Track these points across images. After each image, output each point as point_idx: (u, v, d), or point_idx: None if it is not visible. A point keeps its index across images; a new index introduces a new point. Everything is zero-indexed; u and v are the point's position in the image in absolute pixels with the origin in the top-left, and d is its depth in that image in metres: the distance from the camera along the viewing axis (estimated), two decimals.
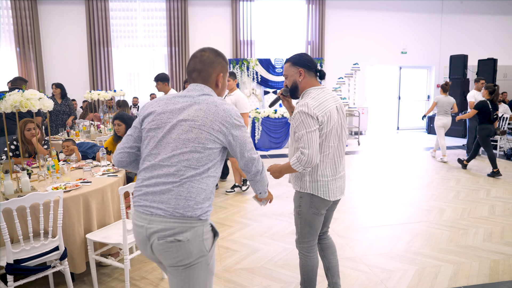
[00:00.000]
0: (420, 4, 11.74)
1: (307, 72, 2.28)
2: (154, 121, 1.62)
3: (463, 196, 5.17)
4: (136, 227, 1.60)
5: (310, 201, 2.30)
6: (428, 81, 12.55)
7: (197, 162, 1.56)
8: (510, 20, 12.46)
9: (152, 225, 1.52)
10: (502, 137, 7.96)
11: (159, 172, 1.56)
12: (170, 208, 1.51)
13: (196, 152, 1.55)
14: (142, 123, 1.68)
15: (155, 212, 1.52)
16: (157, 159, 1.57)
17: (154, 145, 1.60)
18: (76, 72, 10.12)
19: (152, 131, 1.62)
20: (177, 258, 1.53)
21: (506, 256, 3.38)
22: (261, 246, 3.60)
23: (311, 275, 2.47)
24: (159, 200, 1.53)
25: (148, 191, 1.56)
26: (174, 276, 1.59)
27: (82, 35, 10.00)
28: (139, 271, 3.15)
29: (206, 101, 1.61)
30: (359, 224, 4.20)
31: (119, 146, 1.74)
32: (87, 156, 4.37)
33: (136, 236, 1.62)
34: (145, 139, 1.65)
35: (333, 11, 11.20)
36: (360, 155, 8.33)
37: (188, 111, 1.59)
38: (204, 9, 10.49)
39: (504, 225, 4.12)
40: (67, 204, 2.66)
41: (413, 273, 3.09)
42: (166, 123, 1.59)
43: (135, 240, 1.67)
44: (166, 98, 1.68)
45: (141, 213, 1.57)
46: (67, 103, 6.25)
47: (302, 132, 2.09)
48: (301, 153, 2.08)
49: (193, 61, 1.71)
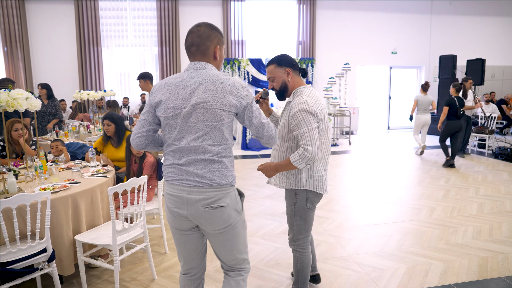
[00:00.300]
0: (410, 5, 11.84)
1: (293, 72, 2.32)
2: (168, 109, 1.73)
3: (452, 195, 5.22)
4: (172, 197, 1.77)
5: (306, 197, 2.34)
6: (418, 81, 12.66)
7: (220, 138, 1.73)
8: (498, 21, 12.64)
9: (192, 196, 1.72)
10: (490, 136, 8.07)
11: (188, 153, 1.73)
12: (206, 180, 1.72)
13: (216, 130, 1.72)
14: (156, 110, 1.79)
15: (193, 184, 1.72)
16: (182, 143, 1.73)
17: (177, 131, 1.74)
18: (65, 72, 10.00)
19: (170, 119, 1.74)
20: (221, 222, 1.76)
21: (494, 253, 3.42)
22: (252, 246, 3.59)
23: (307, 271, 2.51)
24: (195, 174, 1.72)
25: (182, 168, 1.74)
26: (217, 239, 1.82)
27: (72, 35, 9.89)
28: (129, 272, 3.12)
29: (211, 80, 1.71)
30: (350, 223, 4.22)
31: (135, 130, 1.84)
32: (76, 156, 4.31)
33: (172, 205, 1.78)
34: (166, 127, 1.78)
35: (324, 11, 11.24)
36: (351, 154, 8.36)
37: (198, 94, 1.70)
38: (195, 9, 10.45)
39: (492, 222, 4.17)
40: (55, 205, 2.62)
41: (403, 271, 3.10)
42: (182, 109, 1.71)
43: (168, 211, 1.82)
44: (173, 83, 1.75)
45: (177, 186, 1.75)
46: (53, 104, 6.12)
47: (304, 130, 2.11)
48: (304, 150, 2.09)
49: (190, 36, 1.78)
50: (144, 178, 2.85)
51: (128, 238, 2.80)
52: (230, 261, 1.91)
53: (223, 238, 1.82)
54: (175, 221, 1.83)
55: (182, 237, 1.87)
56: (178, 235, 1.88)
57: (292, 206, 2.38)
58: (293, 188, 2.34)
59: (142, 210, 2.91)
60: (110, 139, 3.99)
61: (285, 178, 2.36)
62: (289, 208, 2.42)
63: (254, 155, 8.09)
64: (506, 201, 4.93)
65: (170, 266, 3.23)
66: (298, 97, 2.24)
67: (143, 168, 3.46)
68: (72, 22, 9.83)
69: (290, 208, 2.41)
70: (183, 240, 1.88)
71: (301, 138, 2.12)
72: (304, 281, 2.51)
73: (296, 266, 2.49)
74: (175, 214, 1.80)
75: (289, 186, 2.35)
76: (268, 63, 2.36)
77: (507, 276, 3.01)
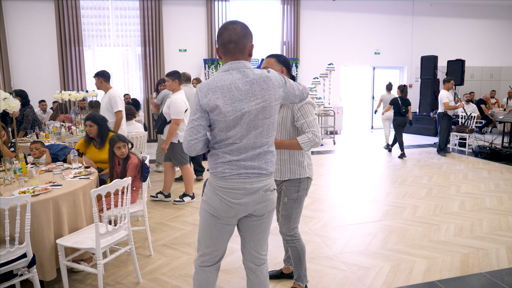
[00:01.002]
0: (392, 6, 12.02)
1: (287, 73, 2.48)
2: (228, 112, 1.80)
3: (435, 193, 5.32)
4: (232, 189, 1.87)
5: (306, 184, 2.53)
6: (401, 81, 12.87)
7: (272, 130, 1.93)
8: (477, 24, 12.96)
9: (254, 185, 1.88)
10: (470, 135, 8.26)
11: (247, 149, 1.86)
12: (263, 171, 1.90)
13: (272, 124, 1.90)
14: (210, 114, 1.84)
15: (252, 175, 1.87)
16: (243, 141, 1.85)
17: (238, 131, 1.83)
18: (45, 72, 9.77)
19: (230, 122, 1.82)
20: (272, 204, 1.98)
21: (475, 250, 3.49)
22: (237, 246, 3.56)
23: (305, 256, 2.65)
24: (252, 167, 1.87)
25: (241, 164, 1.86)
26: (263, 222, 2.00)
27: (52, 34, 9.67)
28: (113, 276, 3.06)
29: (261, 79, 1.84)
30: (335, 222, 4.25)
31: (190, 136, 1.86)
32: (58, 158, 4.21)
33: (230, 197, 1.87)
34: (224, 128, 1.84)
35: (308, 12, 11.30)
36: (335, 154, 8.44)
37: (255, 94, 1.82)
38: (178, 9, 10.36)
39: (473, 219, 4.27)
40: (35, 208, 2.55)
41: (388, 269, 3.14)
42: (242, 111, 1.81)
43: (220, 203, 1.90)
44: (225, 86, 1.80)
45: (237, 179, 1.86)
46: (22, 113, 5.88)
47: (311, 119, 2.37)
48: (313, 135, 2.32)
49: (227, 33, 1.82)
50: (128, 179, 2.81)
51: (112, 241, 2.74)
52: (264, 250, 2.08)
53: (266, 222, 2.02)
54: (228, 212, 1.90)
55: (223, 228, 1.96)
56: (219, 226, 1.95)
57: (295, 195, 2.51)
58: (298, 178, 2.49)
59: (126, 212, 2.86)
60: (92, 140, 3.91)
61: (288, 170, 2.50)
62: (290, 198, 2.52)
63: None
64: (486, 198, 5.06)
65: (155, 269, 3.18)
66: None
67: (127, 170, 3.40)
68: (52, 21, 9.61)
69: (291, 198, 2.51)
70: (222, 231, 1.97)
71: (309, 126, 2.35)
72: (305, 267, 2.68)
73: (298, 254, 2.61)
74: (232, 204, 1.88)
75: (293, 176, 2.49)
76: (269, 55, 2.50)
77: (487, 271, 3.08)
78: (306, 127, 2.35)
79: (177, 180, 5.94)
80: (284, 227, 2.57)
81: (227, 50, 1.84)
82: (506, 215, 4.41)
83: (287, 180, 2.52)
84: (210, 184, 1.94)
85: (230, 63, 1.86)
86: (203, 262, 2.02)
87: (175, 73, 4.70)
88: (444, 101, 7.57)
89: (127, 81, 10.48)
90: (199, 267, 2.04)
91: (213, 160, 1.92)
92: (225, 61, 1.89)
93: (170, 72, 4.74)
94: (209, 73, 10.11)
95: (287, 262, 2.95)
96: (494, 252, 3.45)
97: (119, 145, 3.43)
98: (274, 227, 4.02)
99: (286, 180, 2.52)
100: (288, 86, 1.98)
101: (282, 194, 2.56)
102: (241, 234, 2.06)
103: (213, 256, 2.02)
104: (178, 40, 10.40)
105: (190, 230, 4.04)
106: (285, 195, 2.54)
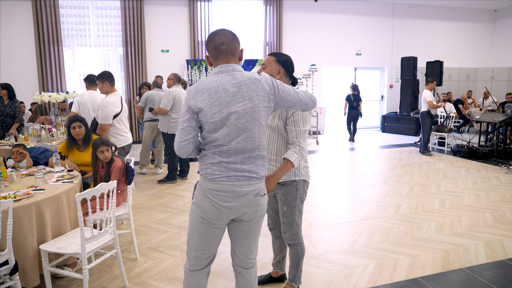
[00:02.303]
0: (372, 8, 12.23)
1: (285, 75, 2.38)
2: (215, 114, 1.80)
3: (416, 192, 5.45)
4: (221, 192, 1.85)
5: (303, 188, 2.46)
6: (382, 81, 13.10)
7: (262, 132, 1.91)
8: (455, 26, 13.32)
9: (243, 188, 1.87)
10: (449, 135, 8.48)
11: (237, 152, 1.85)
12: (253, 174, 1.89)
13: (261, 126, 1.89)
14: (198, 115, 1.83)
15: (241, 178, 1.86)
16: (232, 143, 1.83)
17: (226, 133, 1.82)
18: (23, 72, 9.50)
19: (217, 123, 1.82)
20: (263, 209, 1.97)
21: (455, 246, 3.60)
22: (224, 248, 3.58)
23: (303, 259, 2.64)
24: (242, 170, 1.86)
25: (230, 166, 1.85)
26: (252, 227, 2.00)
27: (29, 33, 9.41)
28: (99, 280, 3.02)
29: (250, 81, 1.84)
30: (320, 222, 4.30)
31: (180, 138, 1.86)
32: (39, 162, 4.11)
33: (219, 199, 1.86)
34: (212, 129, 1.84)
35: (290, 13, 11.38)
36: (319, 154, 8.52)
37: (243, 96, 1.82)
38: (160, 9, 10.26)
39: (453, 217, 4.39)
40: (17, 214, 2.49)
41: (373, 267, 3.21)
42: (228, 113, 1.80)
43: (209, 206, 1.88)
44: (212, 88, 1.81)
45: (226, 181, 1.85)
46: (13, 105, 5.82)
47: (302, 129, 2.27)
48: (300, 148, 2.23)
49: (217, 37, 1.88)
50: (113, 183, 2.78)
51: (97, 245, 2.71)
52: (253, 253, 2.08)
53: (256, 227, 2.02)
54: (218, 215, 1.89)
55: (212, 231, 1.94)
56: (208, 229, 1.93)
57: (294, 202, 2.45)
58: (293, 180, 2.40)
59: (112, 216, 2.82)
60: (75, 143, 3.83)
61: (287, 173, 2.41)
62: (290, 204, 2.46)
63: None
64: (465, 196, 5.21)
65: (142, 272, 3.16)
66: None
67: (111, 173, 3.36)
68: (30, 20, 9.36)
69: (291, 206, 2.46)
70: (211, 234, 1.95)
71: (296, 136, 2.25)
72: (301, 269, 2.67)
73: (298, 257, 2.59)
74: (221, 207, 1.87)
75: (289, 178, 2.40)
76: (271, 53, 2.42)
77: (467, 267, 3.19)
78: (295, 136, 2.25)
79: (160, 182, 5.90)
80: (287, 233, 2.54)
81: (219, 53, 1.87)
82: (484, 212, 4.56)
83: (282, 184, 2.42)
84: (200, 187, 1.93)
85: (220, 66, 1.87)
86: (192, 266, 2.02)
87: (103, 74, 4.34)
88: (428, 100, 7.72)
89: None
90: (188, 271, 2.03)
91: (203, 162, 1.92)
92: (216, 65, 1.90)
93: (98, 74, 4.39)
94: (191, 74, 10.06)
95: (276, 266, 2.92)
96: (473, 248, 3.56)
97: (102, 149, 3.37)
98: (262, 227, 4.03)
99: (282, 184, 2.43)
100: (282, 90, 1.95)
101: (281, 203, 2.49)
102: (231, 237, 2.07)
103: (202, 260, 2.01)
104: (160, 41, 10.30)
105: (175, 232, 4.01)
106: (284, 204, 2.46)
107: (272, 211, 2.70)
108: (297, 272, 2.67)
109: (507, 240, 3.72)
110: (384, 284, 2.94)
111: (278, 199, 2.52)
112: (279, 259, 2.88)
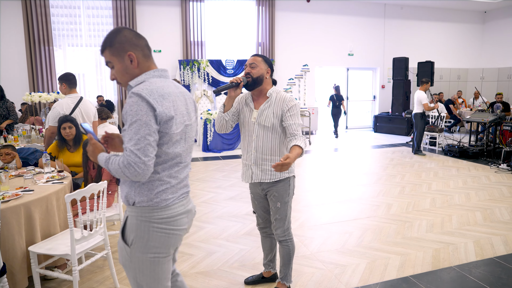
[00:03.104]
0: (364, 9, 12.30)
1: (270, 75, 2.53)
2: (179, 124, 1.62)
3: (407, 191, 5.49)
4: (188, 213, 1.74)
5: (293, 183, 2.59)
6: (374, 81, 13.19)
7: None
8: (446, 27, 13.45)
9: (189, 205, 1.77)
10: (440, 135, 8.56)
11: (185, 168, 1.73)
12: (189, 188, 1.79)
13: None
14: (162, 125, 1.54)
15: (186, 195, 1.74)
16: (187, 159, 1.73)
17: (186, 148, 1.69)
18: (13, 72, 9.40)
19: (178, 135, 1.63)
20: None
21: (446, 245, 3.64)
22: (216, 248, 3.57)
23: (294, 256, 2.70)
24: (185, 185, 1.74)
25: (179, 185, 1.68)
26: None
27: (19, 33, 9.32)
28: (89, 282, 3.00)
29: (187, 93, 1.76)
30: (312, 222, 4.31)
31: (147, 157, 1.50)
32: (28, 162, 4.07)
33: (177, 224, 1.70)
34: (174, 141, 1.62)
35: (283, 13, 11.40)
36: (311, 154, 8.55)
37: (191, 106, 1.76)
38: (152, 9, 10.22)
39: (443, 216, 4.44)
40: (5, 215, 2.47)
41: (364, 266, 3.22)
42: (187, 123, 1.69)
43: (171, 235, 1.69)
44: (172, 94, 1.61)
45: (178, 203, 1.67)
46: (4, 106, 5.75)
47: (299, 122, 2.42)
48: (305, 138, 2.36)
49: (142, 39, 1.67)
50: (104, 183, 2.76)
51: (87, 246, 2.69)
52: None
53: None
54: (177, 242, 1.72)
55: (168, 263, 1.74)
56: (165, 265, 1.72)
57: (287, 198, 2.53)
58: (287, 176, 2.50)
59: (102, 217, 2.81)
60: (65, 143, 3.80)
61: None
62: (283, 202, 2.53)
63: (215, 157, 8.05)
64: (455, 195, 5.26)
65: None
66: (282, 94, 2.48)
67: (102, 174, 3.34)
68: (20, 20, 9.26)
69: (284, 201, 2.53)
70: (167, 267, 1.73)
71: (297, 128, 2.39)
72: (292, 267, 2.72)
73: (289, 254, 2.64)
74: (179, 232, 1.69)
75: (283, 175, 2.49)
76: (256, 54, 2.50)
77: (457, 265, 3.22)
78: (295, 128, 2.39)
79: None
80: (280, 229, 2.57)
81: (151, 53, 1.69)
82: (473, 210, 4.61)
83: (277, 181, 2.49)
84: (142, 222, 1.59)
85: (160, 70, 1.67)
86: None
87: (63, 76, 4.11)
88: (424, 102, 7.72)
89: (100, 82, 10.25)
90: None
91: (152, 189, 1.59)
92: (147, 66, 1.65)
93: (59, 76, 4.15)
94: (184, 74, 10.04)
95: (268, 266, 2.92)
96: (462, 246, 3.60)
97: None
98: (251, 228, 4.04)
99: (277, 181, 2.49)
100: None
101: (274, 200, 2.53)
102: None
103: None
104: (152, 41, 10.24)
105: None
106: (278, 200, 2.52)
107: (262, 211, 2.70)
108: (288, 270, 2.69)
109: (496, 238, 3.77)
110: (375, 283, 2.96)
111: (271, 197, 2.55)
112: (271, 258, 2.89)
